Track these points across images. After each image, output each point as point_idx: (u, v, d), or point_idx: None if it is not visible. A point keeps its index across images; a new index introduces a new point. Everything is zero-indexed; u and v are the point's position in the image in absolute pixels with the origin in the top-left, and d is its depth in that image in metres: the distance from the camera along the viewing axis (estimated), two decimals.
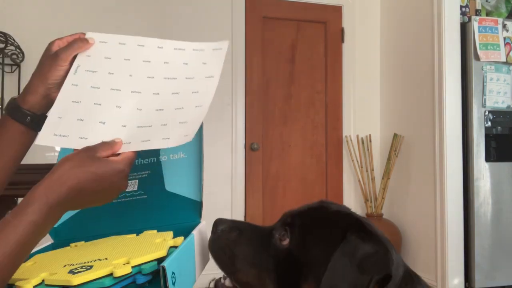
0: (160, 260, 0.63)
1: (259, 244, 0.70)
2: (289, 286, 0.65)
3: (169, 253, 0.65)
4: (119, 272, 0.59)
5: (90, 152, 0.60)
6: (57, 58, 0.77)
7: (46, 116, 0.72)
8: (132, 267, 0.61)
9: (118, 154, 0.63)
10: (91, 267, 0.62)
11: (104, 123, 0.67)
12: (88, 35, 0.81)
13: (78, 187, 0.57)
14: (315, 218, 0.69)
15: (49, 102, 0.74)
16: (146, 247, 0.67)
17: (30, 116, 0.72)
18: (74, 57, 0.78)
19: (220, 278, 0.73)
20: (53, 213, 0.56)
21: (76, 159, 0.59)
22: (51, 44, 0.80)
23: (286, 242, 0.68)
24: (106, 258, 0.65)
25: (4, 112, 0.75)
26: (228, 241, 0.71)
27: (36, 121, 0.72)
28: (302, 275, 0.63)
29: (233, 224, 0.73)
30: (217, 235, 0.72)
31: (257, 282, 0.68)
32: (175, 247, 0.68)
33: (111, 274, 0.60)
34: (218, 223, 0.73)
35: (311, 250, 0.65)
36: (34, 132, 0.73)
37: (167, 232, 0.74)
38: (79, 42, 0.80)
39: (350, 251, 0.61)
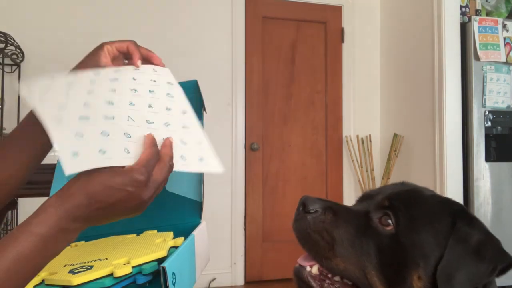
0: (161, 260, 0.63)
1: (358, 228, 0.64)
2: (395, 272, 0.60)
3: (169, 254, 0.65)
4: (119, 272, 0.59)
5: None
6: (101, 48, 0.72)
7: None
8: (133, 267, 0.61)
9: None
10: (91, 267, 0.62)
11: (130, 136, 0.60)
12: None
13: (87, 200, 0.52)
14: (417, 201, 0.65)
15: None
16: (147, 247, 0.67)
17: None
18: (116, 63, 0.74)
19: (302, 266, 0.64)
20: (64, 227, 0.51)
21: (86, 170, 0.53)
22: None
23: (390, 227, 0.62)
24: (106, 258, 0.65)
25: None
26: (325, 224, 0.63)
27: None
28: (412, 264, 0.59)
29: (325, 204, 0.65)
30: (310, 216, 0.64)
31: (357, 268, 0.61)
32: (176, 247, 0.68)
33: (111, 274, 0.60)
34: (308, 202, 0.65)
35: (421, 236, 0.60)
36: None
37: (167, 232, 0.74)
38: (128, 42, 0.74)
39: (463, 238, 0.59)
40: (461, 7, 2.90)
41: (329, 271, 0.63)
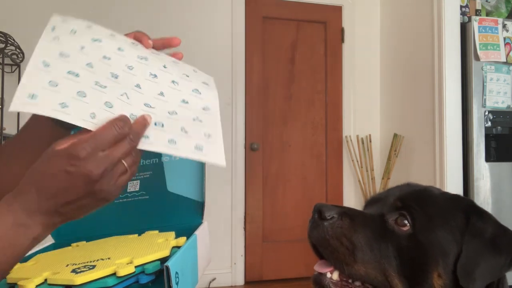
0: (163, 260, 0.63)
1: (375, 231, 0.64)
2: (416, 274, 0.60)
3: (172, 253, 0.65)
4: (122, 272, 0.59)
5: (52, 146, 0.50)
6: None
7: None
8: (135, 266, 0.61)
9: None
10: (94, 266, 0.62)
11: (111, 106, 0.55)
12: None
13: (36, 192, 0.49)
14: (430, 200, 0.66)
15: None
16: (149, 247, 0.67)
17: None
18: None
19: (321, 273, 0.64)
20: (21, 222, 0.48)
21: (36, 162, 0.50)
22: None
23: (406, 227, 0.63)
24: (109, 258, 0.65)
25: None
26: (343, 230, 0.63)
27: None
28: (431, 263, 0.60)
29: (341, 210, 0.65)
30: (328, 222, 0.64)
31: (377, 272, 0.61)
32: (178, 247, 0.68)
33: (114, 274, 0.60)
34: (324, 209, 0.64)
35: (438, 233, 0.61)
36: (62, 129, 0.65)
37: (169, 232, 0.74)
38: (134, 32, 0.71)
39: (478, 232, 0.61)
40: (461, 7, 2.90)
41: (350, 277, 0.63)
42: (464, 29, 2.79)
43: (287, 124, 3.31)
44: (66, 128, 0.64)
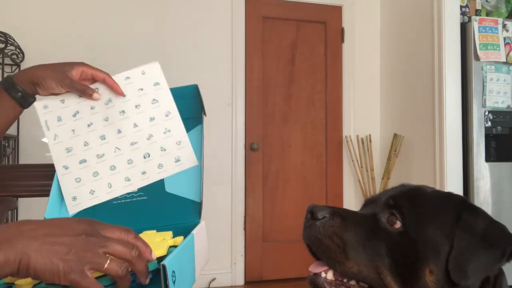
0: (160, 259, 0.63)
1: (367, 230, 0.65)
2: (408, 271, 0.61)
3: (169, 252, 0.65)
4: None
5: None
6: (79, 64, 0.84)
7: (35, 97, 0.84)
8: None
9: None
10: None
11: (115, 168, 0.77)
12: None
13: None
14: (421, 198, 0.66)
15: (40, 90, 0.82)
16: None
17: (21, 92, 0.81)
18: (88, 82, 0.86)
19: (316, 274, 0.65)
20: None
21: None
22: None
23: (398, 225, 0.63)
24: None
25: None
26: (335, 228, 0.64)
27: (26, 99, 0.83)
28: (422, 257, 0.60)
29: (333, 210, 0.66)
30: (319, 222, 0.65)
31: (370, 270, 0.62)
32: (175, 246, 0.68)
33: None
34: (316, 209, 0.66)
35: (428, 230, 0.62)
36: (21, 109, 0.84)
37: (166, 232, 0.74)
38: (105, 75, 0.84)
39: (469, 227, 0.61)
40: (461, 7, 2.90)
41: (344, 276, 0.64)
42: (464, 29, 2.79)
43: (287, 124, 3.31)
44: (23, 108, 0.84)
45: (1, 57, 2.60)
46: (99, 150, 0.77)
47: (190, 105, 0.86)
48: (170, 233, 0.73)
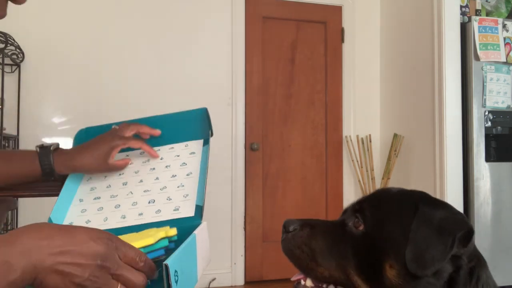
0: (164, 253, 0.64)
1: (334, 236, 0.69)
2: (372, 269, 0.64)
3: (159, 245, 0.65)
4: None
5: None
6: (115, 147, 0.86)
7: (63, 176, 0.86)
8: None
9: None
10: None
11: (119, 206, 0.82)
12: None
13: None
14: (383, 199, 0.70)
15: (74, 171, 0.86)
16: (137, 236, 0.68)
17: (52, 170, 0.84)
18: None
19: (297, 282, 0.71)
20: None
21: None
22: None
23: (361, 227, 0.67)
24: None
25: (38, 149, 0.85)
26: (303, 238, 0.70)
27: (51, 175, 0.84)
28: (382, 255, 0.63)
29: (303, 222, 0.72)
30: (290, 234, 0.72)
31: (339, 273, 0.66)
32: (167, 237, 0.68)
33: None
34: (288, 223, 0.73)
35: (387, 228, 0.65)
36: (42, 178, 0.85)
37: (165, 227, 0.74)
38: (141, 143, 0.89)
39: (426, 219, 0.62)
40: (461, 7, 2.90)
41: (319, 281, 0.68)
42: (464, 29, 2.79)
43: (287, 124, 3.31)
44: (44, 180, 0.85)
45: (1, 57, 2.60)
46: (115, 192, 0.84)
47: (199, 127, 0.92)
48: (167, 227, 0.73)
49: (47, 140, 2.40)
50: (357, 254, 0.66)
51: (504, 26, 2.82)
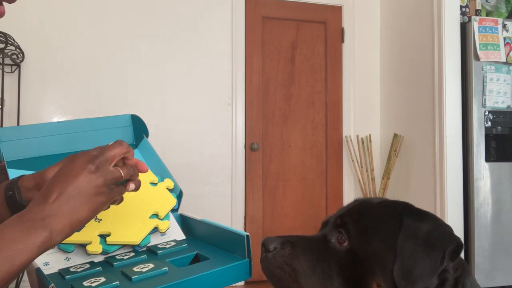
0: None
1: (317, 253, 0.66)
2: (355, 285, 0.62)
3: (143, 242, 0.74)
4: (92, 248, 0.71)
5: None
6: None
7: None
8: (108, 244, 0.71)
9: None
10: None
11: None
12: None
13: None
14: (365, 212, 0.67)
15: None
16: (136, 223, 0.75)
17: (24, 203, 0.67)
18: None
19: None
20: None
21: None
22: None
23: (345, 243, 0.64)
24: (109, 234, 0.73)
25: (5, 184, 0.71)
26: (284, 258, 0.66)
27: (19, 207, 0.65)
28: (368, 271, 0.61)
29: (284, 239, 0.68)
30: (271, 253, 0.68)
31: None
32: (157, 228, 0.76)
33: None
34: (267, 242, 0.69)
35: (372, 243, 0.62)
36: (10, 213, 0.67)
37: (172, 199, 0.83)
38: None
39: (411, 234, 0.60)
40: (461, 7, 2.90)
41: None
42: (464, 29, 2.79)
43: (287, 124, 3.31)
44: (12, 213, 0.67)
45: (1, 57, 2.60)
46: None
47: (127, 133, 0.94)
48: (166, 223, 0.79)
49: None
50: (342, 272, 0.63)
51: (504, 26, 2.82)
